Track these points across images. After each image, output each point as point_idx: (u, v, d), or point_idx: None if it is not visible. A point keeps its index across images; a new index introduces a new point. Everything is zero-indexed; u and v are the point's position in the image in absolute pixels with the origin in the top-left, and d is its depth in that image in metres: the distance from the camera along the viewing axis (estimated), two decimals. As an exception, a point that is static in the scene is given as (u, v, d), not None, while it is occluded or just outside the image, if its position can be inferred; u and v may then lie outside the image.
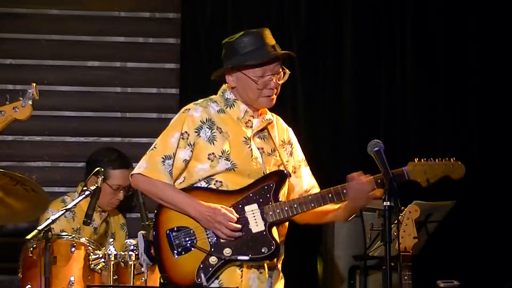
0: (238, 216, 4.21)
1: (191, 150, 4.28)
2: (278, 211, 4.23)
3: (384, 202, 3.80)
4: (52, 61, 6.46)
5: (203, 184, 4.29)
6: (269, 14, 6.57)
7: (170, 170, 4.27)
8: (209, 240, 4.21)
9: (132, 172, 4.36)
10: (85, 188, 5.04)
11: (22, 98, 4.03)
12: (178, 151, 4.27)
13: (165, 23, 6.59)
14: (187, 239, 4.23)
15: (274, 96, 4.35)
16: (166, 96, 6.54)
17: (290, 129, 4.52)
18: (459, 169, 4.40)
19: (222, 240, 4.21)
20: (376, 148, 4.01)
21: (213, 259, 4.19)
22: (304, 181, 4.47)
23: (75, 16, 6.50)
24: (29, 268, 4.91)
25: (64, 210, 4.79)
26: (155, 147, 4.32)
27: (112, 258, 4.85)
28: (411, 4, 6.67)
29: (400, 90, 6.62)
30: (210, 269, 4.18)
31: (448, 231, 6.03)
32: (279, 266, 4.39)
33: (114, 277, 4.86)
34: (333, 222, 6.02)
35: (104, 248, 4.97)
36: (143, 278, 4.89)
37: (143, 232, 4.41)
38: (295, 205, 4.25)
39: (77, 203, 4.94)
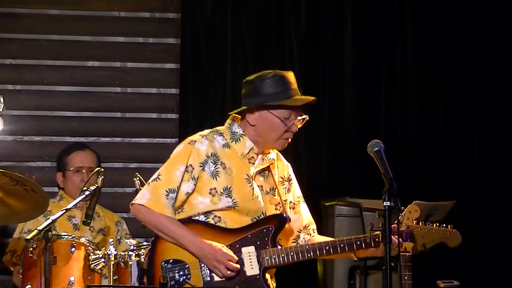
0: (237, 259, 4.20)
1: (194, 184, 4.27)
2: (274, 257, 4.24)
3: (384, 202, 3.80)
4: (52, 61, 6.46)
5: (201, 217, 4.28)
6: (269, 14, 6.57)
7: (173, 204, 4.25)
8: (203, 278, 4.21)
9: (134, 202, 4.30)
10: (84, 188, 5.04)
11: None
12: (182, 184, 4.26)
13: (165, 23, 6.59)
14: (181, 273, 4.22)
15: (290, 140, 4.35)
16: (166, 96, 6.54)
17: (289, 165, 4.51)
18: (456, 238, 4.44)
19: (215, 279, 4.20)
20: (376, 148, 4.00)
21: None
22: (303, 217, 4.47)
23: (75, 16, 6.50)
24: (29, 268, 4.91)
25: (64, 210, 4.79)
26: (159, 178, 4.30)
27: (112, 258, 4.85)
28: (411, 4, 6.67)
29: (400, 90, 6.62)
30: None
31: (448, 231, 6.02)
32: None
33: (114, 277, 4.86)
34: (333, 222, 6.04)
35: (104, 248, 4.97)
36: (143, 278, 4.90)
37: (137, 259, 4.40)
38: (292, 253, 4.25)
39: (77, 203, 4.93)
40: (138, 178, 4.97)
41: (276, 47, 6.58)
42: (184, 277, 4.21)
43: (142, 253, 4.87)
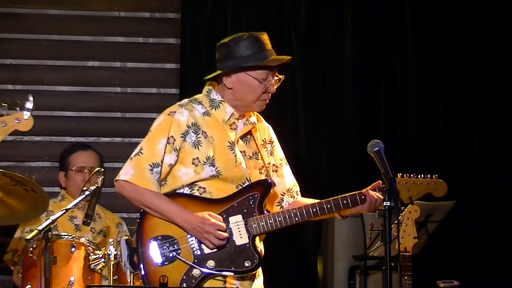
0: (225, 225, 4.18)
1: (176, 155, 4.23)
2: (262, 224, 4.20)
3: (384, 202, 3.80)
4: (52, 61, 6.46)
5: (186, 190, 4.25)
6: (269, 14, 6.57)
7: (157, 178, 4.21)
8: (193, 251, 4.18)
9: (117, 178, 4.25)
10: (84, 188, 5.04)
11: (20, 109, 4.01)
12: (164, 156, 4.22)
13: (165, 23, 6.59)
14: (171, 248, 4.19)
15: (267, 101, 4.33)
16: (166, 96, 6.54)
17: (270, 127, 4.47)
18: (441, 188, 4.43)
19: (206, 252, 4.17)
20: (376, 148, 4.00)
21: (196, 272, 4.16)
22: (286, 180, 4.44)
23: (75, 16, 6.50)
24: (29, 268, 4.91)
25: (64, 210, 4.79)
26: (141, 153, 4.25)
27: (112, 258, 4.85)
28: (411, 4, 6.67)
29: (400, 90, 6.63)
30: (193, 281, 4.15)
31: (448, 231, 6.03)
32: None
33: (114, 277, 4.86)
34: (333, 222, 6.04)
35: (104, 248, 4.97)
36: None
37: (126, 238, 4.38)
38: (280, 219, 4.22)
39: (77, 203, 4.93)
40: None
41: (276, 47, 6.57)
42: (174, 253, 4.17)
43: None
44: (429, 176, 4.37)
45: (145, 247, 4.20)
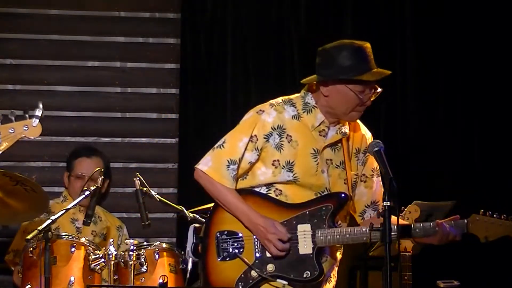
0: (289, 236, 4.15)
1: (257, 154, 4.22)
2: (329, 237, 4.16)
3: (384, 202, 3.79)
4: (52, 61, 6.46)
5: (263, 189, 4.24)
6: (269, 14, 6.57)
7: (234, 175, 4.21)
8: (256, 252, 4.18)
9: (197, 166, 4.26)
10: (85, 188, 5.04)
11: (28, 116, 4.01)
12: (245, 153, 4.20)
13: (165, 23, 6.59)
14: (235, 245, 4.20)
15: (362, 113, 4.27)
16: (166, 96, 6.54)
17: (368, 136, 4.39)
18: None
19: (267, 255, 4.17)
20: (376, 148, 4.01)
21: (254, 273, 4.16)
22: (373, 192, 4.36)
23: (75, 16, 6.50)
24: (29, 268, 4.91)
25: (64, 210, 4.79)
26: (223, 146, 4.24)
27: (112, 258, 4.85)
28: (411, 4, 6.67)
29: (400, 90, 6.62)
30: (251, 281, 4.16)
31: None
32: (332, 273, 4.35)
33: (114, 277, 4.86)
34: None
35: (104, 248, 4.97)
36: (143, 278, 4.91)
37: (196, 225, 4.37)
38: (347, 235, 4.16)
39: (77, 203, 4.94)
40: (138, 178, 4.97)
41: (276, 47, 6.58)
42: (237, 250, 4.19)
43: (142, 253, 4.87)
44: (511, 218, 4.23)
45: (211, 239, 4.22)
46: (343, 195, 4.22)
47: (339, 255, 4.37)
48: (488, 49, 6.64)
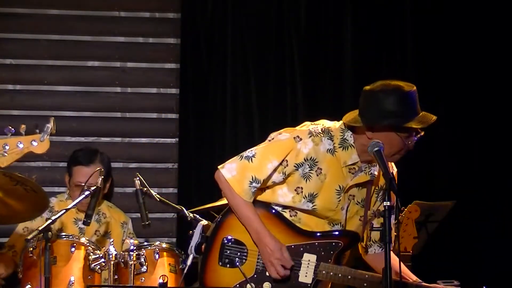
0: (292, 263, 4.17)
1: (283, 178, 4.21)
2: (331, 273, 4.19)
3: (384, 202, 3.79)
4: (52, 61, 6.46)
5: (279, 208, 4.25)
6: (269, 14, 6.57)
7: (254, 191, 4.21)
8: (257, 266, 4.21)
9: (220, 168, 4.25)
10: (85, 188, 5.04)
11: (39, 131, 4.00)
12: (272, 174, 4.18)
13: (165, 23, 6.59)
14: (238, 254, 4.23)
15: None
16: (166, 96, 6.54)
17: (394, 173, 4.36)
18: None
19: (267, 274, 4.19)
20: (376, 148, 4.01)
21: (249, 287, 4.18)
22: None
23: (75, 16, 6.50)
24: (29, 268, 4.91)
25: (64, 210, 4.79)
26: (251, 160, 4.20)
27: (112, 258, 4.85)
28: (412, 3, 6.67)
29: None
30: None
31: (448, 231, 6.03)
32: None
33: (114, 277, 4.86)
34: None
35: (104, 248, 4.97)
36: (143, 278, 4.90)
37: (204, 223, 4.37)
38: (349, 277, 4.18)
39: (77, 203, 4.93)
40: (138, 178, 4.96)
41: (276, 47, 6.58)
42: (239, 261, 4.21)
43: (142, 253, 4.87)
44: None
45: (216, 242, 4.24)
46: (356, 236, 4.25)
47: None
48: (488, 49, 6.64)
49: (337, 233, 4.22)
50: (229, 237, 4.24)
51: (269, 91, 6.49)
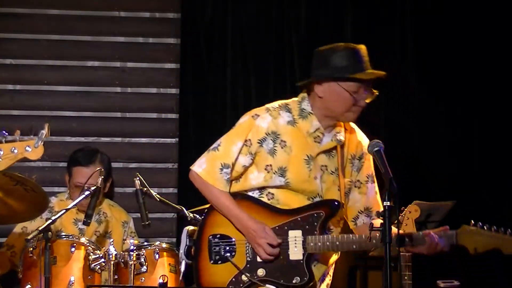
0: (280, 241, 4.18)
1: (251, 158, 4.26)
2: (319, 244, 4.19)
3: (384, 202, 3.79)
4: (52, 61, 6.46)
5: (255, 193, 4.29)
6: (269, 14, 6.57)
7: (227, 178, 4.26)
8: (247, 256, 4.22)
9: (191, 168, 4.32)
10: (85, 188, 5.04)
11: (33, 137, 3.99)
12: (239, 157, 4.25)
13: (165, 23, 6.59)
14: (227, 249, 4.24)
15: (359, 114, 4.28)
16: (166, 96, 6.54)
17: (365, 142, 4.39)
18: (510, 244, 4.16)
19: (258, 260, 4.20)
20: (376, 148, 4.00)
21: (244, 277, 4.19)
22: (367, 198, 4.38)
23: (75, 16, 6.50)
24: (29, 268, 4.91)
25: (64, 210, 4.79)
26: (217, 149, 4.30)
27: (112, 258, 4.85)
28: (411, 4, 6.67)
29: (400, 90, 6.62)
30: (241, 285, 4.20)
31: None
32: (327, 278, 4.37)
33: (114, 277, 4.86)
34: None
35: (104, 248, 4.97)
36: (143, 278, 4.90)
37: (189, 228, 4.39)
38: (337, 243, 4.19)
39: (77, 203, 4.93)
40: (138, 178, 4.97)
41: (276, 47, 6.58)
42: (229, 254, 4.23)
43: (142, 253, 4.87)
44: (502, 229, 4.16)
45: (203, 242, 4.26)
46: (335, 202, 4.25)
47: (334, 257, 4.38)
48: (488, 49, 6.64)
49: (316, 204, 4.23)
50: (215, 234, 4.26)
51: (269, 91, 6.49)
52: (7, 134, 3.97)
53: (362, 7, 6.63)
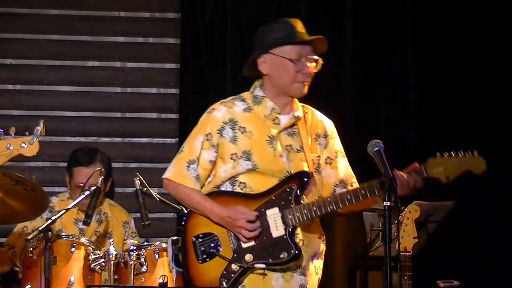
0: (256, 213, 4.20)
1: (215, 151, 4.31)
2: (297, 214, 4.20)
3: (384, 202, 3.79)
4: (52, 61, 6.46)
5: (228, 186, 4.31)
6: (269, 14, 6.57)
7: (196, 175, 4.31)
8: (232, 246, 4.24)
9: (163, 176, 4.39)
10: (85, 188, 5.04)
11: (29, 134, 3.99)
12: (202, 153, 4.31)
13: (165, 23, 6.59)
14: (212, 245, 4.26)
15: (307, 84, 4.33)
16: (166, 96, 6.54)
17: (327, 121, 4.46)
18: (478, 164, 4.18)
19: (244, 246, 4.22)
20: (376, 148, 4.00)
21: (234, 266, 4.21)
22: (340, 171, 4.41)
23: (75, 16, 6.50)
24: (29, 268, 4.91)
25: (64, 210, 4.79)
26: (182, 151, 4.38)
27: (112, 258, 4.85)
28: (411, 4, 6.67)
29: (400, 90, 6.63)
30: (232, 275, 4.21)
31: (448, 231, 6.03)
32: (315, 262, 4.39)
33: (114, 277, 4.86)
34: (333, 222, 6.04)
35: (104, 248, 4.97)
36: (143, 278, 4.90)
37: (173, 238, 4.42)
38: (314, 208, 4.20)
39: (77, 203, 4.94)
40: (138, 178, 4.97)
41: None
42: (215, 250, 4.25)
43: (142, 253, 4.87)
44: (468, 152, 4.16)
45: (188, 245, 4.29)
46: (304, 173, 4.27)
47: (322, 246, 4.42)
48: (489, 49, 6.64)
49: (286, 179, 4.25)
50: (197, 235, 4.29)
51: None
52: (1, 131, 3.98)
53: (362, 7, 6.63)
